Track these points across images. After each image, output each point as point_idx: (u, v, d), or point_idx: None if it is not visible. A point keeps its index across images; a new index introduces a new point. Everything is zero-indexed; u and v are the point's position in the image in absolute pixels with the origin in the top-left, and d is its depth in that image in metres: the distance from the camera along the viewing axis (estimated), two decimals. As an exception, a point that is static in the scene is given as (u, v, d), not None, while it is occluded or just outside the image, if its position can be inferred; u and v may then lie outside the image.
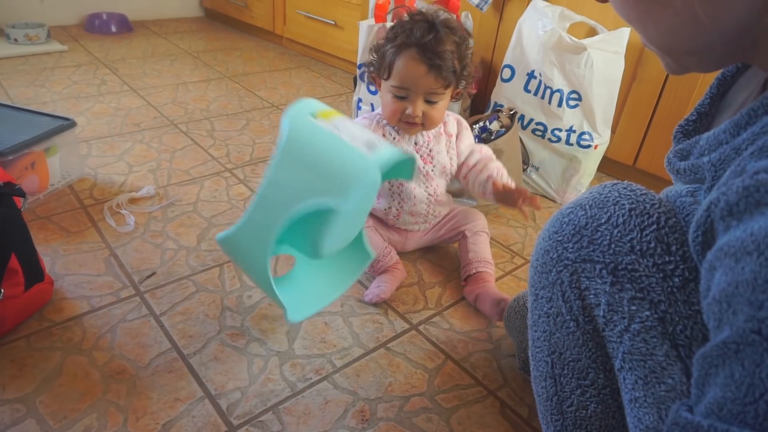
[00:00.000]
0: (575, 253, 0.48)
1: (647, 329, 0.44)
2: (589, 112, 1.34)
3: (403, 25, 0.92)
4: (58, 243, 1.10)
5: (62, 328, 0.89)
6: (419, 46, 0.89)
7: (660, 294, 0.44)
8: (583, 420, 0.52)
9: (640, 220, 0.45)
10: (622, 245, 0.46)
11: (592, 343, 0.50)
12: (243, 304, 0.98)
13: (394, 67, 0.92)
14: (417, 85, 0.91)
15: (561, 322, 0.51)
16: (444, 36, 0.90)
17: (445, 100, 0.96)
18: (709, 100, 0.52)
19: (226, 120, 1.74)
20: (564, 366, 0.52)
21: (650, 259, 0.45)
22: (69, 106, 1.73)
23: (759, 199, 0.32)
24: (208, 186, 1.35)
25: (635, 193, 0.47)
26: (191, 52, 2.42)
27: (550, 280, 0.51)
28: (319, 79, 2.22)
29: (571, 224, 0.49)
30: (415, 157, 0.75)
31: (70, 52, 2.24)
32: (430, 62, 0.89)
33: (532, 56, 1.36)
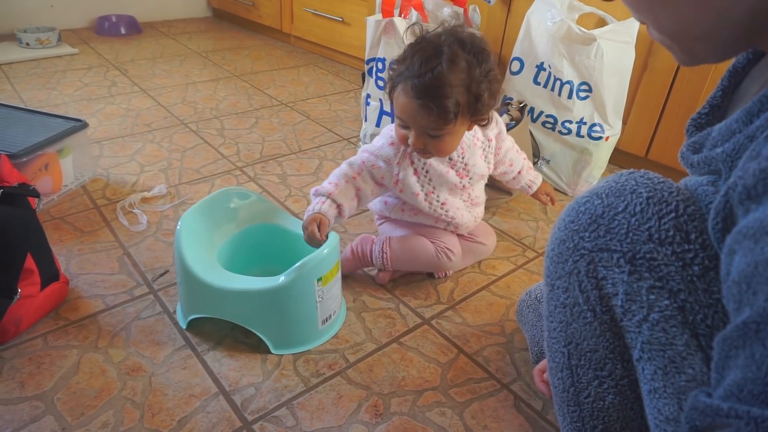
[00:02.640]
0: (592, 243, 0.48)
1: (666, 319, 0.44)
2: (599, 103, 1.33)
3: (409, 52, 0.84)
4: (73, 243, 1.11)
5: (78, 326, 0.90)
6: (414, 80, 0.81)
7: (679, 283, 0.43)
8: (600, 411, 0.51)
9: (659, 208, 0.45)
10: (640, 234, 0.45)
11: (609, 333, 0.49)
12: (255, 301, 0.99)
13: (393, 97, 0.86)
14: (413, 121, 0.85)
15: (578, 313, 0.51)
16: (446, 68, 0.79)
17: (455, 130, 0.86)
18: (720, 92, 0.51)
19: (235, 119, 1.75)
20: (581, 357, 0.52)
21: (669, 248, 0.44)
22: (80, 108, 1.75)
23: None
24: (218, 184, 1.36)
25: (653, 181, 0.47)
26: (200, 52, 2.43)
27: (567, 270, 0.50)
28: (328, 76, 2.22)
29: (587, 213, 0.48)
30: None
31: (81, 55, 2.27)
32: (421, 102, 0.81)
33: (541, 48, 1.35)
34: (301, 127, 1.72)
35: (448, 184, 0.96)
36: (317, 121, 1.78)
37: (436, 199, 0.97)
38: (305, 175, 1.43)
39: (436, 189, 0.96)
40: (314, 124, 1.76)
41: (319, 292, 0.85)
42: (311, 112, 1.85)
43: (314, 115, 1.83)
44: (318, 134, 1.68)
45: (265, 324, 0.87)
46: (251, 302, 0.86)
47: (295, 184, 1.38)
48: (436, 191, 0.97)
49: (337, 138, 1.66)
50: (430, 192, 0.96)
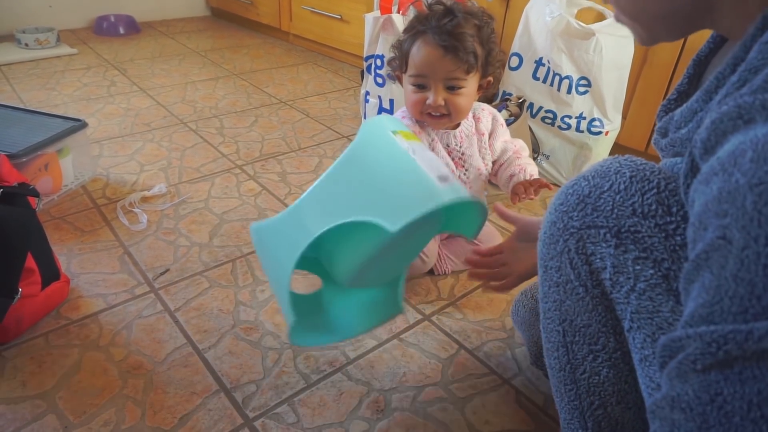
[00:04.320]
0: (580, 221, 0.50)
1: (652, 287, 0.46)
2: (599, 98, 1.33)
3: (420, 16, 0.90)
4: (73, 242, 1.11)
5: (79, 325, 0.91)
6: (434, 29, 0.86)
7: (663, 252, 0.45)
8: (596, 386, 0.53)
9: (641, 185, 0.47)
10: (624, 209, 0.47)
11: (601, 307, 0.51)
12: (256, 299, 0.99)
13: (410, 55, 0.89)
14: (434, 71, 0.87)
15: (570, 289, 0.53)
16: (462, 20, 0.86)
17: (470, 86, 0.90)
18: (687, 79, 0.53)
19: (234, 117, 1.75)
20: (575, 333, 0.53)
21: (652, 221, 0.46)
22: (80, 108, 1.75)
23: (724, 129, 0.34)
24: (218, 183, 1.36)
25: (635, 163, 0.49)
26: (199, 51, 2.43)
27: (558, 250, 0.52)
28: (327, 74, 2.22)
29: (575, 194, 0.51)
30: (485, 210, 0.66)
31: (80, 55, 2.26)
32: (446, 44, 0.85)
33: (540, 43, 1.35)
34: (301, 125, 1.72)
35: None
36: (317, 119, 1.78)
37: None
38: (305, 173, 1.43)
39: None
40: (314, 122, 1.75)
41: (406, 146, 0.63)
42: (311, 110, 1.85)
43: (314, 113, 1.82)
44: (317, 132, 1.68)
45: (376, 205, 0.59)
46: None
47: (295, 182, 1.38)
48: None
49: (336, 136, 1.66)
50: None
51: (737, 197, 0.31)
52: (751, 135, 0.32)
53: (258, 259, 0.82)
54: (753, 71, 0.37)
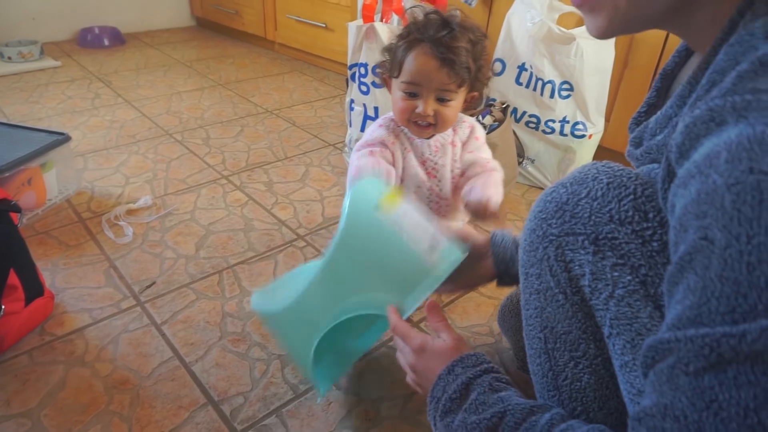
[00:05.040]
0: (558, 228, 0.50)
1: (630, 293, 0.46)
2: (581, 101, 1.34)
3: (417, 23, 0.90)
4: (58, 257, 1.10)
5: (64, 341, 0.90)
6: (433, 40, 0.86)
7: (640, 258, 0.46)
8: (578, 392, 0.53)
9: (618, 191, 0.47)
10: (601, 216, 0.48)
11: (581, 313, 0.51)
12: (243, 310, 0.98)
13: (405, 62, 0.89)
14: (429, 81, 0.88)
15: (551, 296, 0.53)
16: (459, 33, 0.87)
17: (459, 99, 0.91)
18: (655, 92, 0.54)
19: (220, 127, 1.75)
20: (556, 340, 0.54)
21: (629, 227, 0.46)
22: (64, 121, 1.74)
23: (698, 132, 0.35)
24: (204, 194, 1.35)
25: (612, 169, 0.49)
26: (184, 61, 2.42)
27: (538, 257, 0.53)
28: (312, 82, 2.23)
29: (553, 202, 0.51)
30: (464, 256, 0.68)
31: (64, 68, 2.25)
32: (443, 56, 0.85)
33: (522, 49, 1.36)
34: (287, 134, 1.72)
35: (416, 180, 0.97)
36: (303, 127, 1.78)
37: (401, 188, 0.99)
38: (292, 182, 1.43)
39: (405, 180, 0.98)
40: (300, 130, 1.76)
41: (390, 221, 0.66)
42: (297, 118, 1.85)
43: (300, 121, 1.83)
44: (304, 141, 1.68)
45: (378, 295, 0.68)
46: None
47: (281, 191, 1.38)
48: (405, 183, 0.98)
49: (322, 144, 1.66)
50: (400, 181, 0.98)
51: (716, 198, 0.32)
52: (724, 137, 0.33)
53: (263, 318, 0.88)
54: (721, 73, 0.37)
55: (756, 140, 0.31)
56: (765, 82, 0.32)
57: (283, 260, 1.13)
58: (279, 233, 1.21)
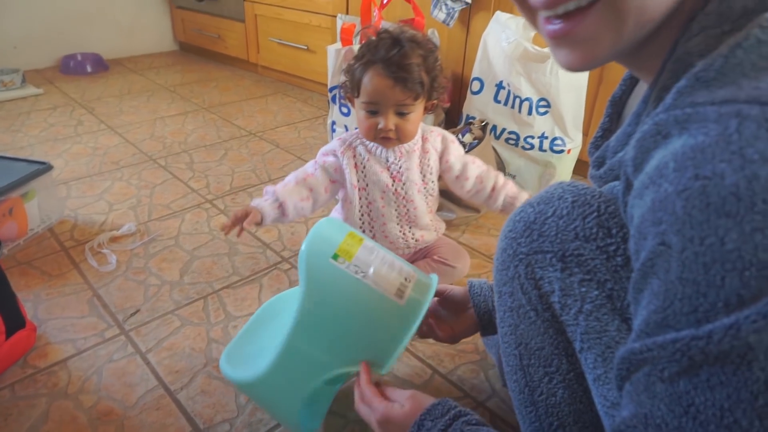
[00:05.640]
0: (527, 247, 0.52)
1: (598, 307, 0.48)
2: (558, 117, 1.37)
3: (369, 44, 0.94)
4: (40, 288, 1.10)
5: (47, 373, 0.89)
6: (384, 61, 0.91)
7: (605, 273, 0.47)
8: (553, 407, 0.54)
9: (582, 209, 0.49)
10: (567, 234, 0.49)
11: (552, 329, 0.53)
12: (228, 335, 0.98)
13: (362, 83, 0.94)
14: (386, 99, 0.93)
15: (523, 314, 0.54)
16: (409, 50, 0.92)
17: (417, 112, 0.96)
18: (608, 118, 0.56)
19: (204, 151, 1.76)
20: (530, 356, 0.55)
21: (593, 243, 0.48)
22: (46, 149, 1.74)
23: (647, 146, 0.37)
24: (188, 219, 1.36)
25: (577, 188, 0.52)
26: (167, 86, 2.43)
27: (509, 276, 0.54)
28: (296, 103, 2.25)
29: (522, 221, 0.53)
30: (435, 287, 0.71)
31: (46, 95, 2.25)
32: (395, 75, 0.90)
33: (499, 68, 1.39)
34: (271, 157, 1.73)
35: (380, 184, 1.01)
36: (286, 149, 1.79)
37: (366, 196, 1.03)
38: (276, 204, 1.43)
39: (369, 186, 1.02)
40: (283, 152, 1.77)
41: (353, 269, 0.65)
42: (280, 140, 1.86)
43: (283, 143, 1.84)
44: (287, 162, 1.69)
45: (351, 351, 0.68)
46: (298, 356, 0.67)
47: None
48: (369, 188, 1.02)
49: (306, 165, 1.67)
50: (363, 188, 1.03)
51: (668, 205, 0.34)
52: (670, 148, 0.35)
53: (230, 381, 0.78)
54: (665, 89, 0.39)
55: (698, 149, 0.33)
56: (702, 95, 0.35)
57: (268, 283, 1.13)
58: (263, 256, 1.22)
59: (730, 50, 0.35)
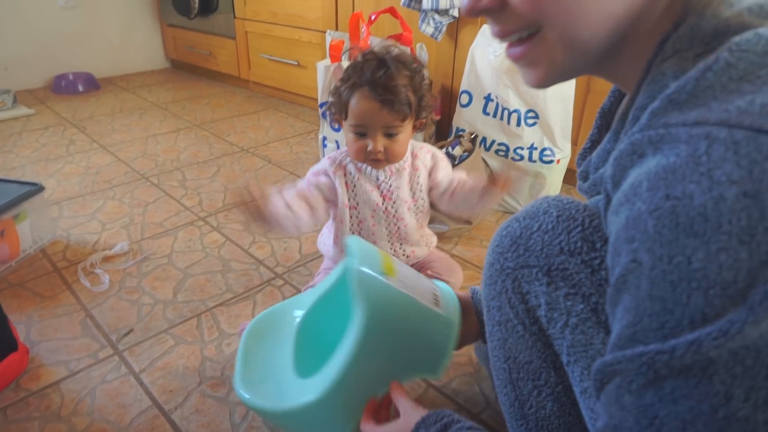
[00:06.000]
0: (514, 261, 0.53)
1: (583, 321, 0.48)
2: (547, 128, 1.39)
3: (355, 66, 0.94)
4: (33, 309, 1.09)
5: (39, 396, 0.89)
6: (370, 83, 0.90)
7: (590, 287, 0.48)
8: (543, 420, 0.55)
9: (567, 224, 0.50)
10: (552, 248, 0.50)
11: (540, 343, 0.53)
12: (222, 353, 0.98)
13: (350, 106, 0.94)
14: (373, 121, 0.92)
15: (511, 328, 0.55)
16: (395, 71, 0.91)
17: (406, 132, 0.97)
18: (596, 129, 0.57)
19: (197, 168, 1.76)
20: (519, 370, 0.55)
21: (578, 257, 0.49)
22: (38, 170, 1.74)
23: (624, 164, 0.38)
24: (181, 236, 1.36)
25: (562, 202, 0.52)
26: (159, 104, 2.44)
27: (497, 290, 0.55)
28: (288, 119, 2.26)
29: (508, 236, 0.54)
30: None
31: (38, 115, 2.26)
32: (382, 98, 0.90)
33: (487, 80, 1.41)
34: (263, 172, 1.74)
35: (370, 203, 1.01)
36: (279, 164, 1.80)
37: (356, 215, 1.03)
38: (269, 220, 1.44)
39: (360, 205, 1.02)
40: (276, 168, 1.78)
41: (399, 284, 0.67)
42: (272, 156, 1.87)
43: (276, 158, 1.85)
44: (280, 178, 1.70)
45: (401, 362, 0.69)
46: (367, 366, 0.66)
47: (259, 230, 1.39)
48: (359, 207, 1.02)
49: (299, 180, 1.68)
50: (353, 207, 1.02)
51: (640, 223, 0.35)
52: (645, 167, 0.36)
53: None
54: (642, 109, 0.40)
55: (669, 169, 0.34)
56: (674, 117, 0.36)
57: (262, 300, 1.13)
58: (257, 273, 1.22)
59: (700, 73, 0.36)
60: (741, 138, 0.32)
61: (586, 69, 0.47)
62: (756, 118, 0.32)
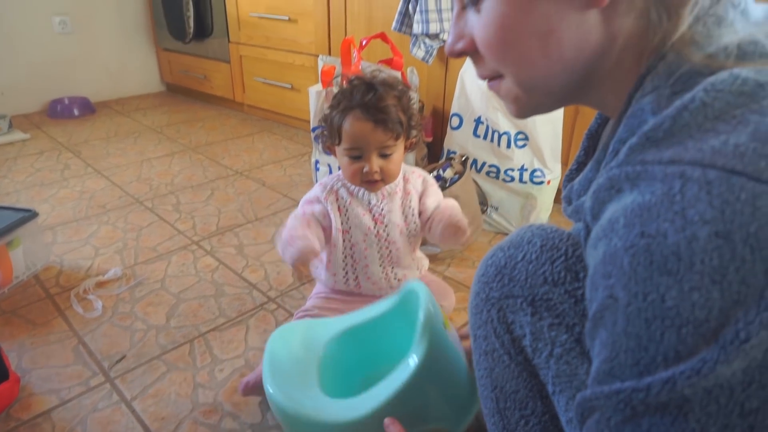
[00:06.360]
0: (499, 291, 0.53)
1: (567, 351, 0.49)
2: (537, 150, 1.41)
3: (344, 91, 0.96)
4: (25, 337, 1.09)
5: (30, 426, 0.88)
6: (361, 106, 0.93)
7: (573, 317, 0.49)
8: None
9: (551, 254, 0.51)
10: (536, 278, 0.51)
11: (526, 373, 0.54)
12: (215, 379, 0.98)
13: (343, 130, 0.95)
14: (368, 142, 0.94)
15: (497, 357, 0.55)
16: (384, 93, 0.94)
17: (399, 152, 0.98)
18: (583, 151, 0.58)
19: (191, 192, 1.77)
20: (506, 399, 0.56)
21: (562, 287, 0.49)
22: (33, 195, 1.74)
23: (603, 198, 0.39)
24: (175, 261, 1.36)
25: (546, 231, 0.53)
26: (154, 127, 2.46)
27: (483, 320, 0.55)
28: (282, 141, 2.28)
29: (493, 266, 0.54)
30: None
31: (33, 140, 2.27)
32: (375, 118, 0.92)
33: (477, 103, 1.43)
34: (257, 195, 1.75)
35: (362, 227, 1.02)
36: (273, 187, 1.81)
37: (349, 239, 1.03)
38: (262, 244, 1.45)
39: (352, 229, 1.02)
40: (270, 190, 1.79)
41: (453, 338, 0.76)
42: (266, 178, 1.88)
43: (270, 181, 1.86)
44: (274, 201, 1.71)
45: (444, 407, 0.74)
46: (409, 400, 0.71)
47: (252, 254, 1.40)
48: (352, 231, 1.03)
49: (292, 203, 1.69)
50: (346, 231, 1.03)
51: (616, 259, 0.35)
52: (622, 203, 0.36)
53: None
54: (622, 143, 0.41)
55: (645, 207, 0.34)
56: (651, 154, 0.36)
57: (254, 324, 1.13)
58: (250, 297, 1.22)
59: (677, 112, 0.37)
60: (714, 178, 0.32)
61: (560, 103, 0.49)
62: (729, 159, 0.33)
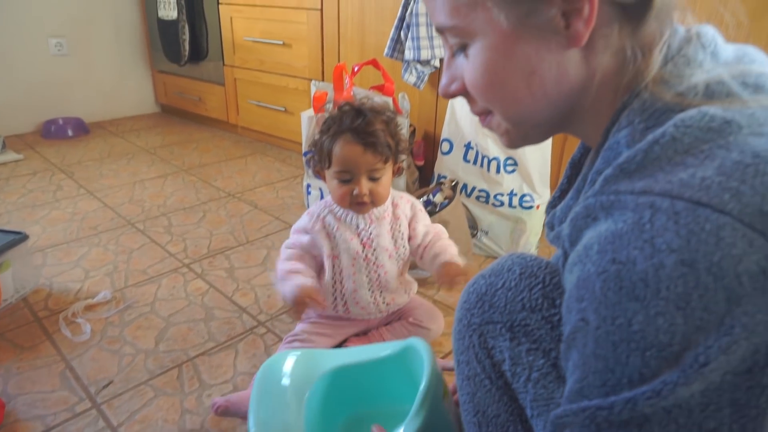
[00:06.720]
0: (479, 318, 0.55)
1: (544, 375, 0.50)
2: (526, 175, 1.43)
3: (334, 117, 1.00)
4: (11, 361, 1.08)
5: (14, 453, 0.87)
6: (351, 130, 0.96)
7: (550, 343, 0.51)
8: None
9: (529, 281, 0.53)
10: (515, 305, 0.53)
11: (506, 397, 0.55)
12: (202, 405, 0.98)
13: (333, 154, 0.98)
14: (358, 165, 0.97)
15: (479, 382, 0.57)
16: (372, 118, 0.98)
17: (388, 175, 1.01)
18: (566, 179, 0.60)
19: (183, 214, 1.78)
20: (488, 423, 0.57)
21: (539, 314, 0.51)
22: (24, 216, 1.74)
23: (580, 225, 0.41)
24: (165, 284, 1.36)
25: (525, 260, 0.55)
26: (148, 148, 2.47)
27: (465, 345, 0.57)
28: (275, 163, 2.29)
29: (474, 293, 0.56)
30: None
31: (26, 161, 2.27)
32: (365, 141, 0.96)
33: (467, 129, 1.45)
34: (249, 218, 1.76)
35: (350, 251, 1.03)
36: (264, 210, 1.82)
37: (338, 264, 1.05)
38: (253, 267, 1.45)
39: (340, 254, 1.04)
40: (262, 213, 1.79)
41: (448, 407, 0.76)
42: (259, 201, 1.89)
43: (262, 204, 1.87)
44: (265, 223, 1.72)
45: None
46: None
47: (242, 277, 1.40)
48: (340, 257, 1.04)
49: (284, 226, 1.70)
50: (335, 256, 1.04)
51: (589, 284, 0.37)
52: (597, 230, 0.38)
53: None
54: (598, 173, 0.43)
55: (617, 235, 0.36)
56: (624, 185, 0.39)
57: (244, 349, 1.13)
58: (239, 321, 1.22)
59: (649, 146, 0.39)
60: (681, 209, 0.34)
61: (548, 134, 0.51)
62: (695, 191, 0.35)
